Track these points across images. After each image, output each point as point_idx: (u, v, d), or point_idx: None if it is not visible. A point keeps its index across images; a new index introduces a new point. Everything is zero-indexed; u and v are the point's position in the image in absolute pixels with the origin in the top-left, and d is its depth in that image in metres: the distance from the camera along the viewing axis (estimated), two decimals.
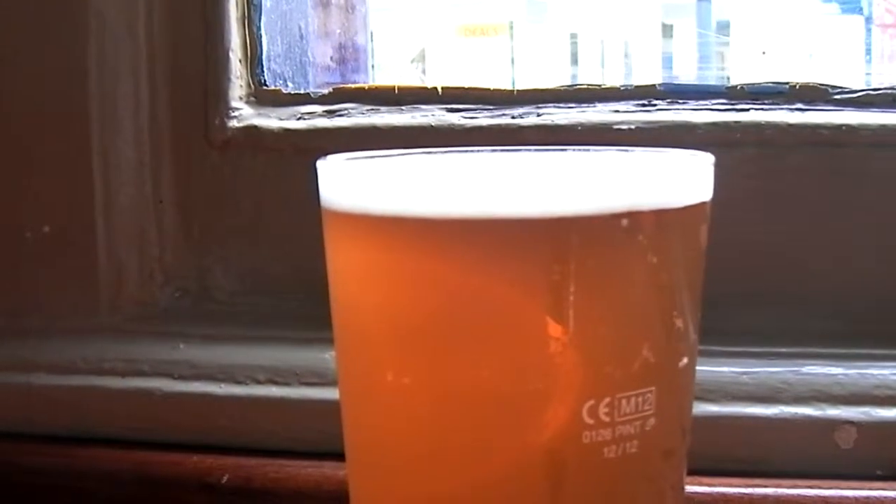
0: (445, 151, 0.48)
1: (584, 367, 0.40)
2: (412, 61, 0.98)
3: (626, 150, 0.47)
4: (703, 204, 0.43)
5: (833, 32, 0.86)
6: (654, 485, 0.43)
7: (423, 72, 0.96)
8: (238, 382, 0.68)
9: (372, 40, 0.88)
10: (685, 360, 0.42)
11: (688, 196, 0.42)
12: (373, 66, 0.88)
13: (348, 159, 0.44)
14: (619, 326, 0.40)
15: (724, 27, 0.92)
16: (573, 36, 1.00)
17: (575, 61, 0.99)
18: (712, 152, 0.43)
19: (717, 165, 0.43)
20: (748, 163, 0.67)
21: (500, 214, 0.39)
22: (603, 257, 0.40)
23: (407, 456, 0.42)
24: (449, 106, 0.71)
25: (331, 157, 0.44)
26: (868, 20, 0.86)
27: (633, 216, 0.39)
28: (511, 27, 1.04)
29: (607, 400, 0.40)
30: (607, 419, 0.40)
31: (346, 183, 0.42)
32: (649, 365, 0.40)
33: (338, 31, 0.84)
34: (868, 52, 0.84)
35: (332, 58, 0.83)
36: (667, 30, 0.99)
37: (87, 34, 0.72)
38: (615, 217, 0.39)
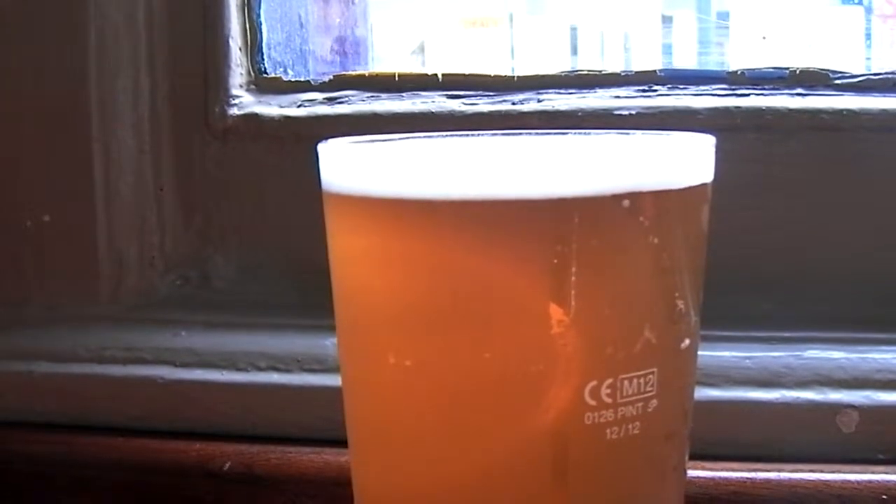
0: (447, 135, 0.48)
1: (586, 348, 0.40)
2: (412, 53, 0.98)
3: (627, 133, 0.47)
4: (705, 185, 0.43)
5: (832, 23, 0.86)
6: (656, 466, 0.43)
7: (423, 63, 0.96)
8: (239, 369, 0.68)
9: (372, 32, 0.88)
10: (687, 342, 0.42)
11: (689, 177, 0.42)
12: (373, 59, 0.88)
13: (349, 142, 0.44)
14: (620, 307, 0.40)
15: (723, 18, 0.91)
16: (573, 28, 0.99)
17: (575, 52, 0.99)
18: (713, 137, 0.43)
19: (718, 150, 0.43)
20: (749, 148, 0.67)
21: (501, 195, 0.39)
22: (604, 238, 0.40)
23: (409, 438, 0.42)
24: (449, 92, 0.71)
25: (332, 141, 0.44)
26: (868, 11, 0.86)
27: (635, 197, 0.39)
28: (511, 19, 1.04)
29: (609, 381, 0.40)
30: (609, 400, 0.40)
31: (347, 166, 0.42)
32: (651, 346, 0.40)
33: (338, 21, 0.84)
34: (867, 41, 0.83)
35: (332, 50, 0.83)
36: (666, 20, 0.99)
37: (87, 22, 0.72)
38: (616, 198, 0.39)
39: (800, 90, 0.67)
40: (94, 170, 0.73)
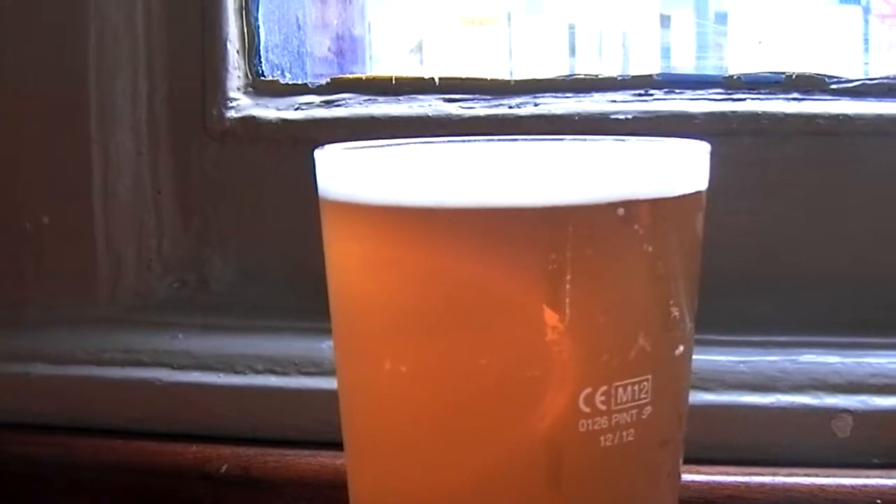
0: (443, 141, 0.48)
1: (581, 356, 0.40)
2: (410, 52, 0.98)
3: (623, 140, 0.47)
4: (700, 193, 0.43)
5: (830, 23, 0.86)
6: (651, 473, 0.43)
7: (421, 62, 0.96)
8: (236, 372, 0.68)
9: (370, 31, 0.88)
10: (681, 349, 0.42)
11: (684, 185, 0.42)
12: (370, 58, 0.88)
13: (345, 149, 0.44)
14: (615, 315, 0.40)
15: (721, 18, 0.92)
16: (571, 27, 0.99)
17: (573, 52, 0.99)
18: (709, 142, 0.44)
19: (714, 155, 0.43)
20: (745, 152, 0.67)
21: (496, 204, 0.39)
22: (599, 246, 0.40)
23: (404, 444, 0.42)
24: (446, 96, 0.71)
25: (328, 147, 0.44)
26: (866, 10, 0.86)
27: (630, 205, 0.40)
28: (509, 18, 1.04)
29: (604, 388, 0.40)
30: (604, 407, 0.40)
31: (343, 172, 0.43)
32: (646, 353, 0.41)
33: (335, 21, 0.84)
34: (865, 42, 0.83)
35: (329, 49, 0.83)
36: (664, 20, 0.99)
37: (86, 24, 0.72)
38: (612, 206, 0.39)
39: (796, 95, 0.67)
40: (92, 172, 0.73)
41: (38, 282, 0.74)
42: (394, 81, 0.73)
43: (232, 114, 0.73)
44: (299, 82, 0.75)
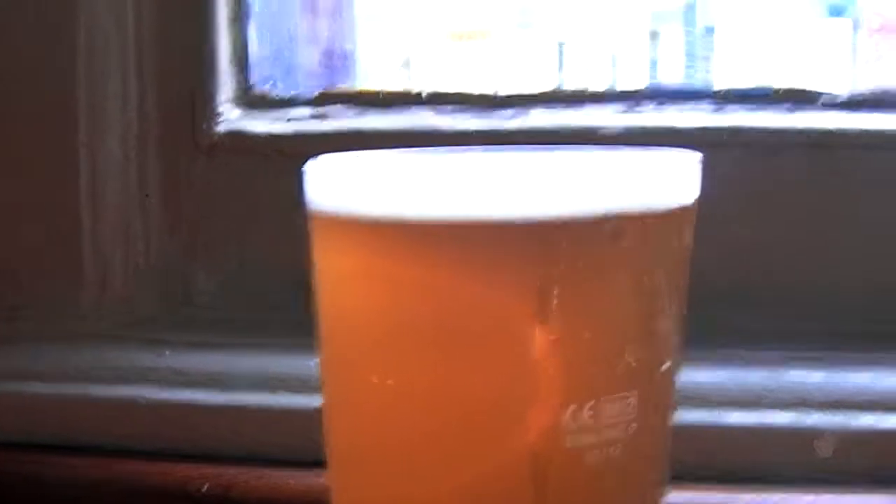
0: (432, 152, 0.48)
1: (568, 371, 0.39)
2: (400, 66, 0.98)
3: (613, 150, 0.47)
4: (689, 206, 0.42)
5: (819, 36, 0.86)
6: (636, 489, 0.43)
7: (410, 76, 0.96)
8: (223, 390, 0.67)
9: (360, 46, 0.88)
10: (667, 364, 0.42)
11: (674, 198, 0.42)
12: (361, 72, 0.88)
13: (334, 161, 0.44)
14: (602, 330, 0.40)
15: (710, 33, 0.92)
16: (560, 44, 1.00)
17: (562, 66, 0.99)
18: None
19: (704, 168, 0.43)
20: (734, 166, 0.66)
21: (485, 218, 0.39)
22: (588, 261, 0.39)
23: (389, 459, 0.42)
24: (436, 109, 0.71)
25: (317, 160, 0.44)
26: (855, 24, 0.87)
27: (619, 219, 0.39)
28: (498, 32, 1.04)
29: (591, 403, 0.40)
30: (591, 423, 0.40)
31: (332, 186, 0.42)
32: (632, 369, 0.40)
33: (326, 35, 0.84)
34: (854, 55, 0.84)
35: (320, 63, 0.83)
36: (653, 36, 0.99)
37: (77, 31, 0.71)
38: (601, 220, 0.39)
39: (786, 108, 0.68)
40: (80, 183, 0.72)
41: (21, 296, 0.73)
42: (383, 95, 0.73)
43: (221, 126, 0.73)
44: (289, 95, 0.75)
